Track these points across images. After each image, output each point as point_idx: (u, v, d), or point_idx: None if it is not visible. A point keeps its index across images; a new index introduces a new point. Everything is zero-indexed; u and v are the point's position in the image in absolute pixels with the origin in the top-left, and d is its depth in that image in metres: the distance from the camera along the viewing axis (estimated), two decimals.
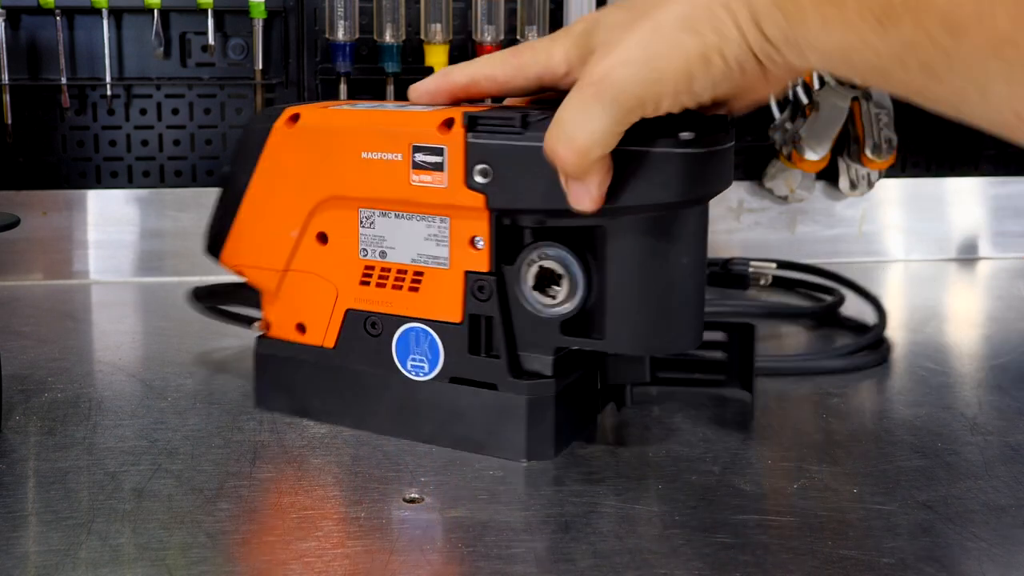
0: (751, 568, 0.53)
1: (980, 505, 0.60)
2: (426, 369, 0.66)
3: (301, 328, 0.70)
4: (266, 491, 0.61)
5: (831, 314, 0.98)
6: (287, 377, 0.71)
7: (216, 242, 0.72)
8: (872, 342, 0.88)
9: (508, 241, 0.64)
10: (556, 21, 1.13)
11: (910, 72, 0.46)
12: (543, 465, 0.65)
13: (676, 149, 0.57)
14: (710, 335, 0.68)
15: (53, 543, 0.54)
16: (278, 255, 0.70)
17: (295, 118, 0.68)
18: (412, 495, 0.60)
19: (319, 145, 0.67)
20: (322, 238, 0.68)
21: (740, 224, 1.22)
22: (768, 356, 0.83)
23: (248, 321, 0.77)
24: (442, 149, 0.62)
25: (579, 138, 0.54)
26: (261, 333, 0.72)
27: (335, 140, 0.66)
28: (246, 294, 0.75)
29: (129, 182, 1.15)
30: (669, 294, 0.61)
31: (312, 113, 0.68)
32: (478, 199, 0.62)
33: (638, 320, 0.62)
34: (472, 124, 0.61)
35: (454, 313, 0.65)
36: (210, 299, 0.81)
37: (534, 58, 0.61)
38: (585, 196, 0.57)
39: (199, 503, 0.59)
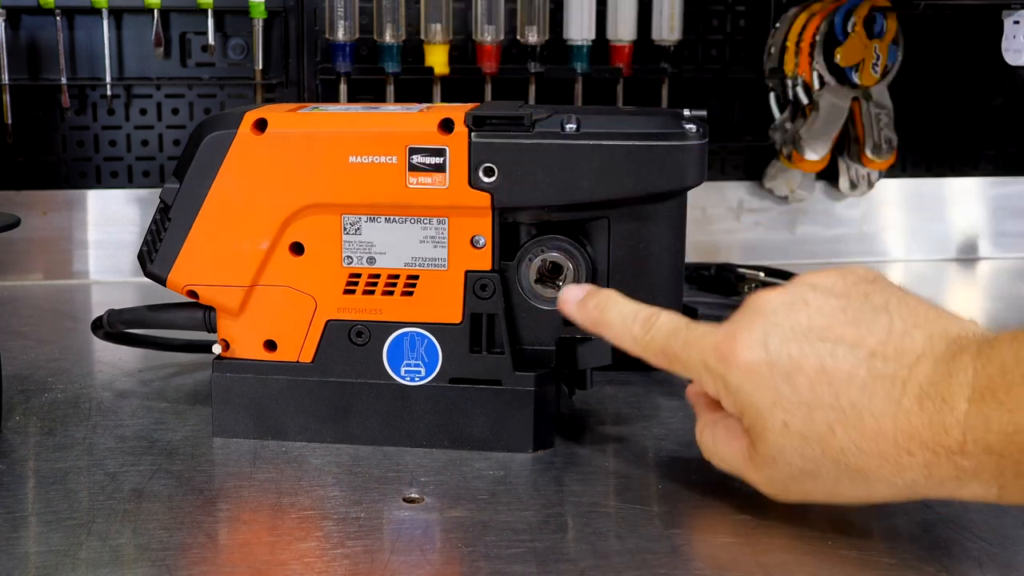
0: (751, 568, 0.53)
1: (980, 505, 0.59)
2: (423, 373, 0.66)
3: (271, 345, 0.67)
4: (266, 491, 0.61)
5: None
6: (253, 399, 0.67)
7: (162, 263, 0.66)
8: None
9: (507, 238, 0.65)
10: (556, 21, 1.13)
11: None
12: (543, 465, 0.65)
13: (686, 142, 0.62)
14: None
15: (53, 543, 0.54)
16: (243, 270, 0.66)
17: (261, 124, 0.64)
18: (412, 495, 0.60)
19: (295, 152, 0.64)
20: (297, 249, 0.65)
21: (740, 224, 1.22)
22: None
23: (159, 345, 0.77)
24: (443, 150, 0.62)
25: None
26: (217, 355, 0.68)
27: (315, 145, 0.63)
28: (163, 317, 0.71)
29: (129, 182, 1.15)
30: (663, 275, 0.65)
31: (282, 118, 0.65)
32: (483, 198, 0.63)
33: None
34: (478, 124, 0.62)
35: (454, 314, 0.65)
36: (119, 326, 0.74)
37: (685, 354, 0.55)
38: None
39: (199, 504, 0.59)
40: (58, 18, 1.09)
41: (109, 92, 1.11)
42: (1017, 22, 1.00)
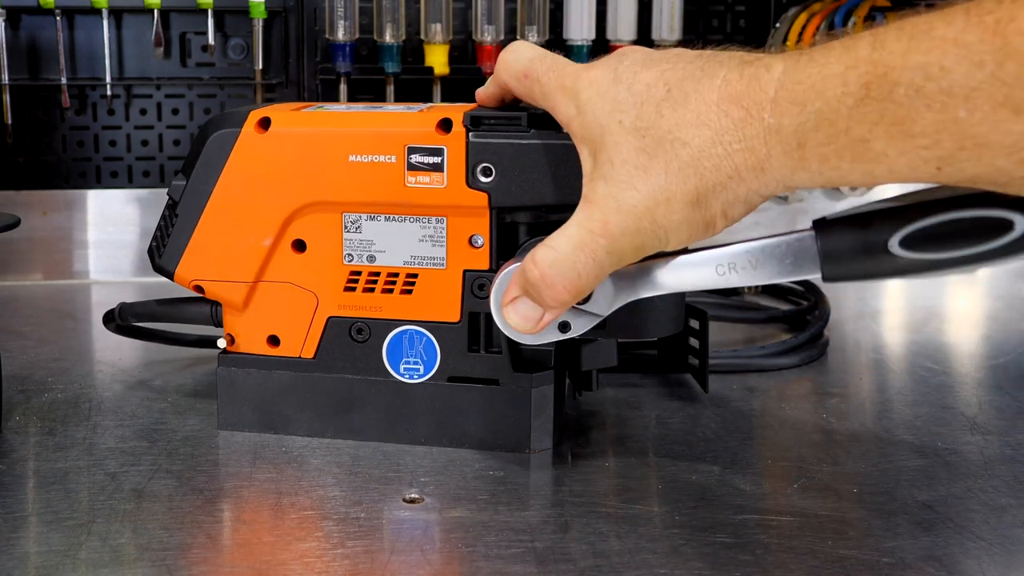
0: (751, 568, 0.53)
1: (980, 505, 0.60)
2: (421, 371, 0.66)
3: (274, 341, 0.68)
4: (266, 491, 0.61)
5: (802, 317, 0.95)
6: (257, 393, 0.68)
7: (170, 257, 0.68)
8: (804, 341, 0.87)
9: (505, 237, 0.65)
10: (556, 21, 1.13)
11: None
12: (543, 465, 0.65)
13: None
14: None
15: (53, 543, 0.54)
16: (247, 266, 0.66)
17: (264, 123, 0.65)
18: (412, 495, 0.61)
19: (296, 150, 0.64)
20: (299, 246, 0.66)
21: (740, 224, 1.22)
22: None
23: (170, 340, 0.78)
24: (441, 149, 0.62)
25: (582, 280, 0.55)
26: (222, 349, 0.69)
27: (317, 144, 0.64)
28: (172, 312, 0.73)
29: (129, 182, 1.15)
30: None
31: (285, 117, 0.65)
32: (480, 198, 0.63)
33: (638, 306, 0.63)
34: (475, 124, 0.62)
35: (452, 313, 0.65)
36: (130, 319, 0.76)
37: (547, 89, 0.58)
38: (537, 324, 0.58)
39: (199, 504, 0.59)
40: (58, 18, 1.09)
41: (109, 92, 1.11)
42: None
